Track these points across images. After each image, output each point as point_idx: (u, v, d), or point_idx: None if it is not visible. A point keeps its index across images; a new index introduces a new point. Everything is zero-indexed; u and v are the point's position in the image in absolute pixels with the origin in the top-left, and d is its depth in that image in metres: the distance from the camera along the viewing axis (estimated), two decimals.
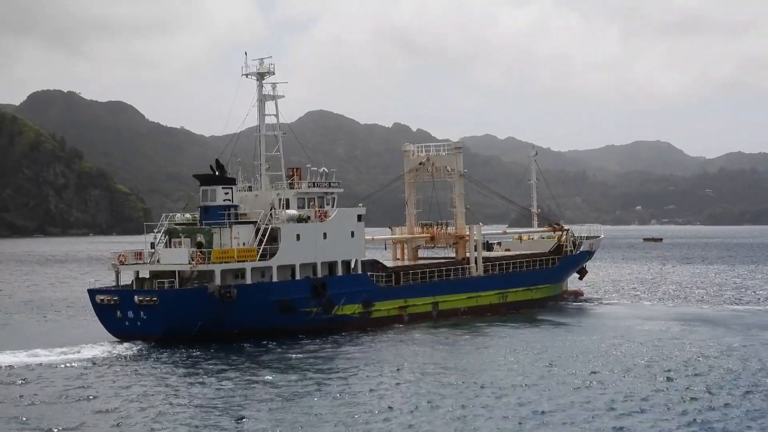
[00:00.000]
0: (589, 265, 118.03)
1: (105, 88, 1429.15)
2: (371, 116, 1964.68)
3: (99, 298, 73.25)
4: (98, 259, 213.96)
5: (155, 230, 78.65)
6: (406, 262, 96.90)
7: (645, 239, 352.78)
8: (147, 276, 75.54)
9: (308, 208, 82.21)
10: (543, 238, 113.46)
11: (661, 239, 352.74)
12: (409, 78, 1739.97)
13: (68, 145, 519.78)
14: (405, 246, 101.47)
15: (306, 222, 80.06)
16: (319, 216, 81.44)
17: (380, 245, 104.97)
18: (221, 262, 73.03)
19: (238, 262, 74.04)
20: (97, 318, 74.86)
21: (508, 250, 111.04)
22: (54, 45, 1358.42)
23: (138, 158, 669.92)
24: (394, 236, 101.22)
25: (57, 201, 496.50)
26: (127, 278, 77.68)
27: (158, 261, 75.21)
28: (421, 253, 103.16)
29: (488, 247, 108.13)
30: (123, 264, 75.80)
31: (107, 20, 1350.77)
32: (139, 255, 76.31)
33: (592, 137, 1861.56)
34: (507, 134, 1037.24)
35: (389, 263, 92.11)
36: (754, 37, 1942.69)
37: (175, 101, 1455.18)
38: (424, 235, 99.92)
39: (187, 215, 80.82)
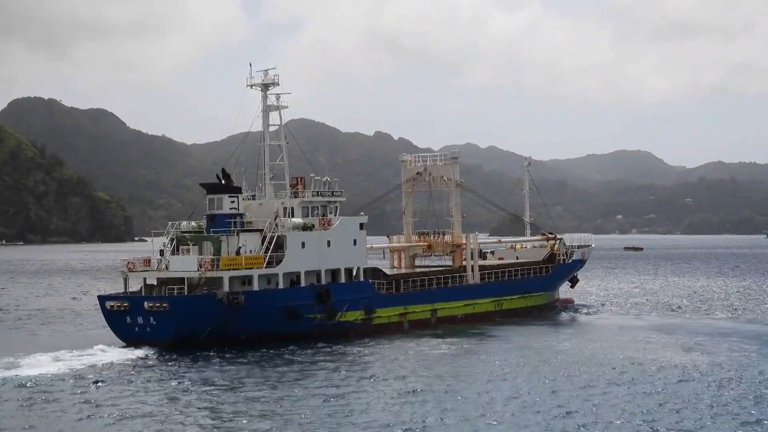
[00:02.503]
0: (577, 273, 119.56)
1: (87, 94, 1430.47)
2: (353, 124, 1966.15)
3: (109, 304, 74.34)
4: (82, 269, 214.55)
5: (163, 236, 79.70)
6: (404, 270, 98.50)
7: (626, 248, 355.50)
8: (155, 283, 76.78)
9: (312, 216, 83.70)
10: (535, 247, 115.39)
11: (641, 248, 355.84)
12: (396, 83, 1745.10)
13: (49, 152, 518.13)
14: (402, 254, 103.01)
15: (310, 230, 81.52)
16: (323, 224, 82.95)
17: (377, 253, 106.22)
18: (229, 269, 74.42)
19: (246, 269, 75.47)
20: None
21: (502, 258, 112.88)
22: (38, 47, 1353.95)
23: (119, 166, 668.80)
24: (392, 245, 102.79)
25: (37, 208, 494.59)
26: (132, 285, 78.80)
27: (166, 268, 76.39)
28: (418, 261, 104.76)
29: (481, 255, 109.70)
30: (132, 271, 76.97)
31: (92, 22, 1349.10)
32: (147, 262, 77.47)
33: (573, 146, 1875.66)
34: (488, 143, 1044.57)
35: (388, 271, 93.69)
36: (746, 41, 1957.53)
37: (157, 108, 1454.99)
38: (421, 243, 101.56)
39: (193, 223, 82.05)
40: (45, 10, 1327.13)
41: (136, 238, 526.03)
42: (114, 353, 69.24)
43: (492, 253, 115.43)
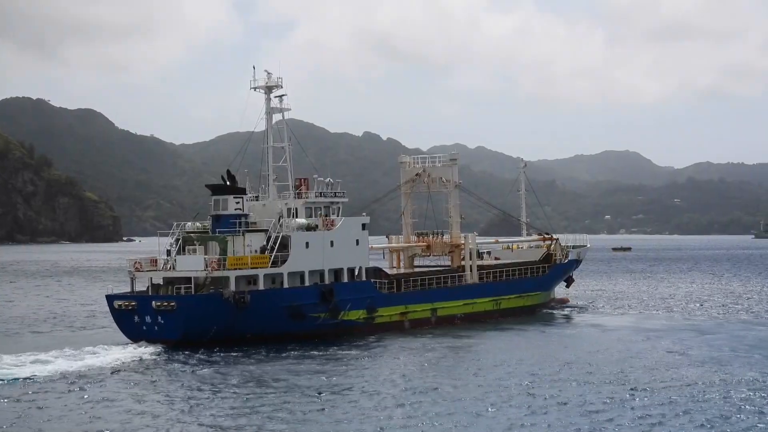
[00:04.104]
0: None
1: (77, 95, 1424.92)
2: (341, 125, 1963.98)
3: (117, 303, 75.38)
4: (76, 269, 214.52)
5: (167, 237, 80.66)
6: (404, 270, 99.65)
7: (614, 249, 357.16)
8: (161, 282, 77.78)
9: (315, 216, 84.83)
10: (531, 247, 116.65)
11: (630, 248, 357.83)
12: (387, 85, 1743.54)
13: (37, 152, 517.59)
14: (401, 254, 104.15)
15: (314, 230, 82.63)
16: (326, 224, 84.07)
17: (376, 253, 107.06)
18: (236, 269, 75.48)
19: (251, 268, 76.55)
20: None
21: (498, 258, 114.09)
22: (28, 48, 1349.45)
23: (107, 166, 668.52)
24: (391, 245, 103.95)
25: (25, 209, 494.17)
26: (138, 285, 79.81)
27: (173, 267, 77.39)
28: (416, 261, 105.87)
29: (478, 255, 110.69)
30: (139, 270, 77.99)
31: (83, 23, 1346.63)
32: (153, 262, 78.46)
33: (562, 147, 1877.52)
34: (476, 143, 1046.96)
35: (388, 271, 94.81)
36: (738, 45, 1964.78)
37: (146, 108, 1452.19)
38: (420, 243, 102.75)
39: (197, 224, 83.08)
40: (36, 11, 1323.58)
41: (124, 238, 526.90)
42: (119, 352, 69.76)
43: (488, 253, 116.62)
